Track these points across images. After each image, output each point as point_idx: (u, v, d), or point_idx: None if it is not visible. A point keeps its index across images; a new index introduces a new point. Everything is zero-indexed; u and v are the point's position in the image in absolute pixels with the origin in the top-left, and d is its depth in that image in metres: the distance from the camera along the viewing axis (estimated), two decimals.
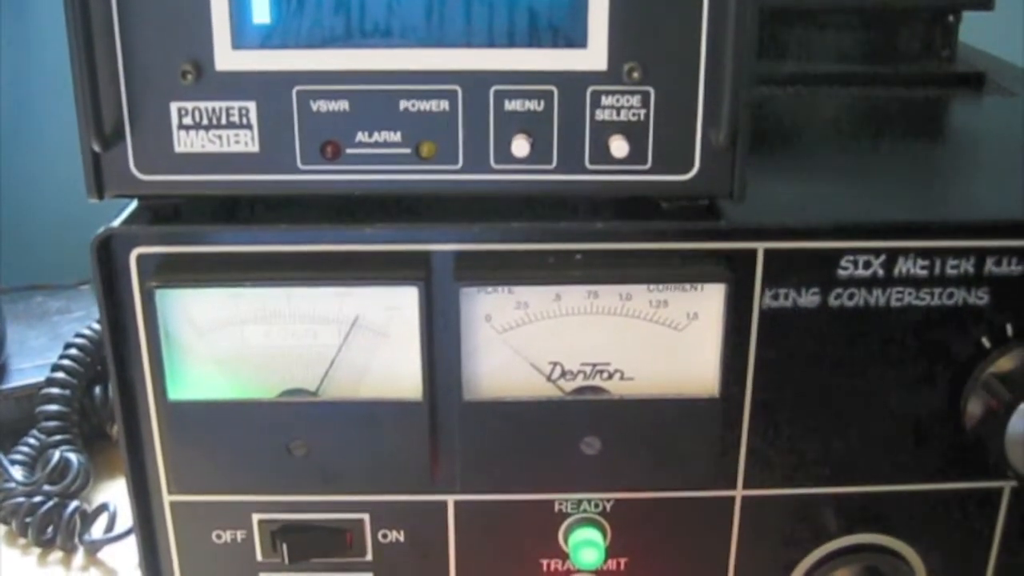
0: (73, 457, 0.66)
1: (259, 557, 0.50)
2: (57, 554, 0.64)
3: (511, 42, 0.43)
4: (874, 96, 0.66)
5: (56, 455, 0.66)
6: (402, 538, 0.50)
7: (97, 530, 0.64)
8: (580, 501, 0.50)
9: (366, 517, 0.50)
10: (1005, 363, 0.48)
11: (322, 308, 0.46)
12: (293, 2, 0.42)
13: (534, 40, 0.43)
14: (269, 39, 0.42)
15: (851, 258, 0.46)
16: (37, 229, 0.94)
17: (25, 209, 0.95)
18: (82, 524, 0.64)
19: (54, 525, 0.64)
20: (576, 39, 0.43)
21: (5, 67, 0.92)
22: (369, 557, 0.51)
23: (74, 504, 0.64)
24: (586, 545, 0.49)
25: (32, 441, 0.68)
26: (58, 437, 0.68)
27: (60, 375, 0.69)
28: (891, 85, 0.67)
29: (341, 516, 0.50)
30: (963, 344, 0.48)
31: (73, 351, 0.70)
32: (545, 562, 0.51)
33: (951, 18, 0.69)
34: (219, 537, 0.50)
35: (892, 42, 0.69)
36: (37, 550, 0.64)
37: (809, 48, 0.69)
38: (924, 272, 0.47)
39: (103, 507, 0.64)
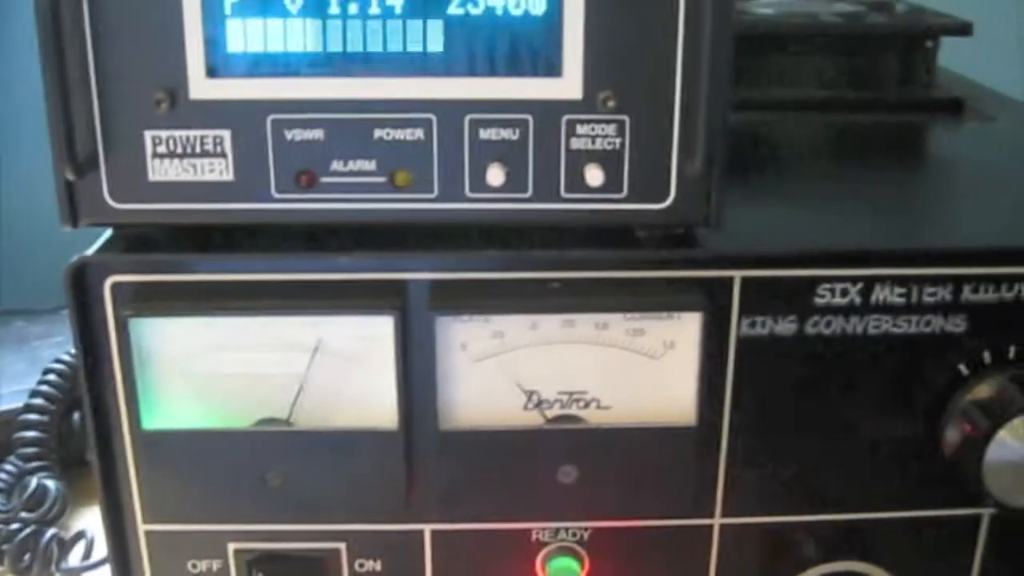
0: (51, 484, 0.66)
1: None
2: None
3: (486, 71, 0.42)
4: (853, 122, 0.67)
5: (33, 482, 0.65)
6: (379, 568, 0.50)
7: (74, 558, 0.63)
8: (558, 530, 0.49)
9: (342, 546, 0.49)
10: (983, 390, 0.47)
11: (295, 336, 0.45)
12: (268, 30, 0.42)
13: (509, 69, 0.42)
14: (244, 67, 0.42)
15: (828, 286, 0.46)
16: (17, 253, 0.93)
17: (4, 233, 0.94)
18: (59, 552, 0.63)
19: (31, 552, 0.63)
20: (551, 68, 0.43)
21: None
22: None
23: (51, 531, 0.63)
24: (563, 574, 0.49)
25: (9, 468, 0.68)
26: (36, 464, 0.67)
27: (38, 401, 0.69)
28: (870, 111, 0.68)
29: (317, 545, 0.49)
30: (941, 371, 0.48)
31: (52, 377, 0.70)
32: None
33: (930, 44, 0.69)
34: (195, 567, 0.50)
35: (871, 68, 0.69)
36: None
37: (788, 74, 0.69)
38: (901, 300, 0.47)
39: (80, 534, 0.64)
